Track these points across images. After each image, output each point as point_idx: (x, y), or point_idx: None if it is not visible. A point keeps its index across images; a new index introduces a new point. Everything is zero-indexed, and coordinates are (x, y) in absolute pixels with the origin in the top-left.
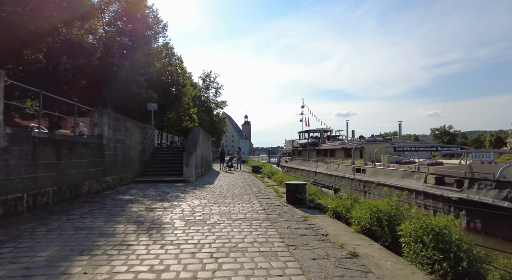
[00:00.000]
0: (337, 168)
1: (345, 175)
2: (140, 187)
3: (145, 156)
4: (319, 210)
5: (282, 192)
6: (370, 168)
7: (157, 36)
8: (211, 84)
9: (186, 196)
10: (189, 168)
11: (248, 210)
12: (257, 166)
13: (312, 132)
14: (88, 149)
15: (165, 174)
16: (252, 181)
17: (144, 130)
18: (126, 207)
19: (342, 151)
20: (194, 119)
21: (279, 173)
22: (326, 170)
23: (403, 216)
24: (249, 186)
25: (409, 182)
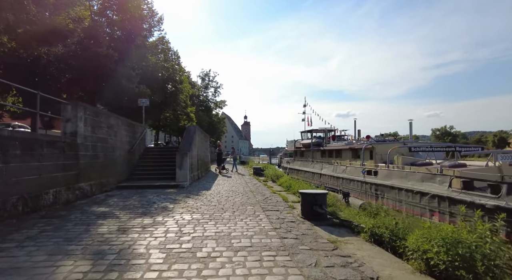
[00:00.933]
0: (344, 170)
1: (354, 177)
2: (124, 195)
3: (133, 157)
4: (346, 228)
5: (292, 200)
6: (382, 170)
7: (152, 29)
8: (210, 83)
9: (175, 208)
10: (183, 171)
11: (255, 231)
12: (259, 168)
13: (315, 131)
14: (55, 149)
15: (156, 178)
16: (255, 186)
17: (132, 128)
18: (93, 226)
19: (349, 151)
20: (192, 118)
21: (284, 176)
22: (332, 172)
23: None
24: (252, 192)
25: (430, 186)
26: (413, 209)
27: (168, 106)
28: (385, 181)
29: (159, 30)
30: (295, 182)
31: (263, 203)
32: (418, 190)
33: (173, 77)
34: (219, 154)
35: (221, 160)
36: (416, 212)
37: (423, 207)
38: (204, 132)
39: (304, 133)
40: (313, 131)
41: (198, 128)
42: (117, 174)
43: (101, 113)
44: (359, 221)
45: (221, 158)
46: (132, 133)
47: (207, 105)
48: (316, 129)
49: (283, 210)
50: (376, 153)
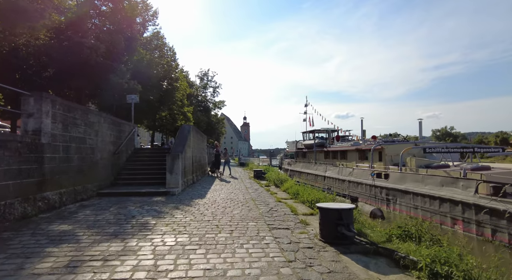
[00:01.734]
0: (351, 172)
1: (362, 180)
2: (101, 205)
3: (120, 159)
4: (385, 258)
5: (303, 213)
6: (394, 172)
7: (146, 24)
8: (209, 83)
9: (157, 225)
10: (174, 175)
11: (261, 267)
12: (260, 171)
13: (318, 132)
14: (6, 151)
15: (144, 184)
16: (256, 192)
17: (118, 126)
18: (34, 258)
19: (355, 152)
20: (189, 118)
21: (289, 181)
22: (337, 174)
23: None
24: (254, 201)
25: (452, 192)
26: (431, 216)
27: (163, 105)
28: (398, 185)
29: (153, 25)
30: (302, 188)
31: (268, 216)
32: (437, 195)
33: (169, 74)
34: (217, 156)
35: (218, 162)
36: (435, 220)
37: (443, 214)
38: (201, 132)
39: (306, 133)
40: (315, 132)
41: (193, 128)
42: (98, 179)
43: (76, 108)
44: (400, 247)
45: (219, 160)
46: (118, 133)
47: (205, 106)
48: (318, 130)
49: (294, 228)
50: (386, 154)
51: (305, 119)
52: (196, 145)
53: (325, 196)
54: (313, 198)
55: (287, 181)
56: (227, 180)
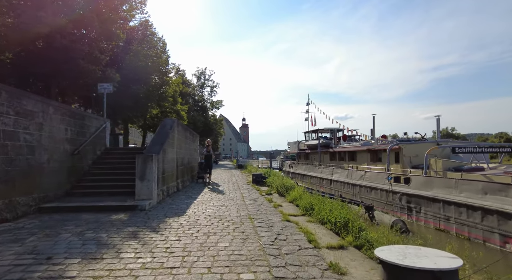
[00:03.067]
0: (363, 176)
1: (377, 185)
2: (21, 231)
3: (81, 162)
4: None
5: (327, 244)
6: (417, 176)
7: (133, 12)
8: (206, 82)
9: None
10: (146, 183)
11: None
12: (260, 175)
13: (322, 132)
14: None
15: (110, 193)
16: (255, 203)
17: (80, 120)
18: None
19: (366, 153)
20: (183, 117)
21: (296, 188)
22: (346, 178)
23: None
24: (251, 220)
25: (501, 201)
26: (469, 230)
27: (152, 101)
28: (423, 191)
29: (141, 12)
30: (316, 199)
31: (275, 255)
32: (478, 205)
33: (158, 67)
34: (208, 158)
35: (209, 166)
36: (475, 235)
37: (488, 229)
38: (191, 130)
39: (309, 133)
40: (319, 131)
41: (179, 123)
42: (41, 189)
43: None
44: None
45: (210, 163)
46: (79, 128)
47: (202, 105)
48: (322, 129)
49: None
50: (404, 155)
51: (307, 118)
52: (183, 145)
53: (355, 213)
54: (338, 218)
55: (294, 188)
56: (220, 187)
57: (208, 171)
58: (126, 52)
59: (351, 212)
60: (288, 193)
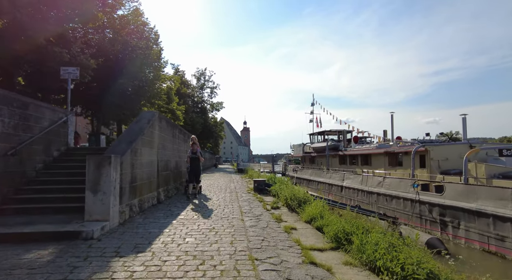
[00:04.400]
0: (381, 182)
1: (399, 193)
2: None
3: (21, 166)
4: None
5: None
6: (454, 184)
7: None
8: (206, 83)
9: None
10: (101, 197)
11: None
12: (263, 182)
13: (329, 133)
14: None
15: (53, 210)
16: (258, 224)
17: (20, 109)
18: None
19: (384, 157)
20: (178, 117)
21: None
22: (360, 184)
23: None
24: (253, 261)
25: None
26: None
27: (142, 97)
28: (463, 203)
29: (132, 1)
30: (351, 223)
31: None
32: None
33: (149, 61)
34: (194, 161)
35: (197, 171)
36: None
37: None
38: (181, 128)
39: (314, 135)
40: (325, 133)
41: (162, 118)
42: None
43: None
44: None
45: (197, 168)
46: (18, 119)
47: (202, 107)
48: (329, 131)
49: None
50: (432, 158)
51: (312, 119)
52: (169, 145)
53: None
54: (407, 264)
55: (309, 201)
56: (214, 197)
57: (195, 179)
58: (113, 43)
59: (423, 253)
60: (302, 208)
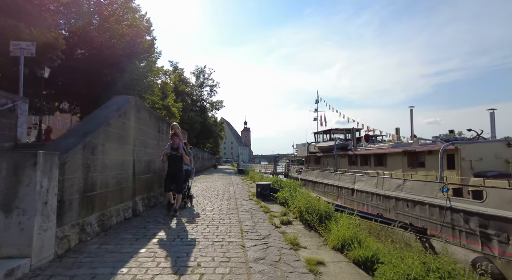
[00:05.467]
0: (400, 186)
1: (424, 199)
2: None
3: None
4: None
5: None
6: (500, 190)
7: None
8: (206, 81)
9: None
10: (19, 219)
11: None
12: (268, 186)
13: (335, 132)
14: None
15: None
16: (266, 255)
17: None
18: None
19: (401, 156)
20: (174, 114)
21: (344, 218)
22: (375, 187)
23: None
24: None
25: None
26: None
27: (132, 91)
28: None
29: None
30: (417, 262)
31: None
32: None
33: (137, 47)
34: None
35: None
36: None
37: None
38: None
39: (319, 134)
40: (332, 131)
41: (141, 107)
42: None
43: None
44: None
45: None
46: None
47: (201, 106)
48: (336, 129)
49: None
50: (463, 158)
51: (316, 118)
52: (151, 141)
53: None
54: None
55: (333, 215)
56: (207, 206)
57: (175, 188)
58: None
59: None
60: (325, 225)
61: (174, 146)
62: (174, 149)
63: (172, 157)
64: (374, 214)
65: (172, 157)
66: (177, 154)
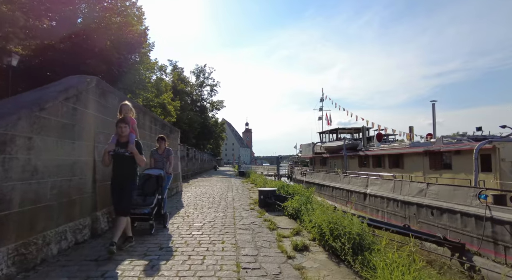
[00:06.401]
0: (423, 190)
1: (453, 206)
2: None
3: None
4: None
5: None
6: None
7: None
8: (206, 80)
9: None
10: None
11: None
12: (273, 193)
13: (342, 131)
14: None
15: None
16: None
17: None
18: None
19: (422, 157)
20: (170, 112)
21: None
22: (391, 191)
23: None
24: None
25: None
26: None
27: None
28: None
29: None
30: None
31: None
32: None
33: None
34: (121, 162)
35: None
36: None
37: None
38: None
39: (325, 133)
40: (339, 131)
41: (107, 91)
42: None
43: None
44: None
45: (130, 178)
46: None
47: (201, 105)
48: (343, 128)
49: None
50: (503, 159)
51: (321, 117)
52: None
53: None
54: None
55: (373, 241)
56: (192, 223)
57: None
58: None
59: None
60: (364, 259)
61: (121, 140)
62: (121, 144)
63: (117, 157)
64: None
65: (118, 158)
66: (124, 153)
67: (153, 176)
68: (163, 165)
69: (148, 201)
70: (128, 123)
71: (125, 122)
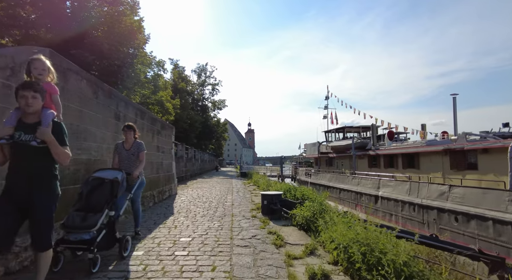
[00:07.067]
0: (445, 193)
1: (484, 212)
2: None
3: None
4: None
5: None
6: None
7: None
8: (207, 79)
9: None
10: None
11: None
12: (278, 197)
13: (349, 130)
14: None
15: None
16: None
17: None
18: None
19: (441, 157)
20: (168, 110)
21: None
22: (407, 194)
23: None
24: None
25: None
26: None
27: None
28: None
29: None
30: None
31: None
32: None
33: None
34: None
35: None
36: None
37: None
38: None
39: (331, 132)
40: (346, 129)
41: (70, 70)
42: None
43: None
44: None
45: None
46: None
47: (203, 105)
48: (350, 127)
49: None
50: None
51: (326, 115)
52: (99, 130)
53: None
54: None
55: (419, 269)
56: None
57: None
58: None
59: None
60: None
61: (26, 120)
62: (26, 127)
63: (18, 150)
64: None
65: (20, 151)
66: (30, 141)
67: (106, 181)
68: (130, 164)
69: (89, 220)
70: (40, 91)
71: (33, 88)
